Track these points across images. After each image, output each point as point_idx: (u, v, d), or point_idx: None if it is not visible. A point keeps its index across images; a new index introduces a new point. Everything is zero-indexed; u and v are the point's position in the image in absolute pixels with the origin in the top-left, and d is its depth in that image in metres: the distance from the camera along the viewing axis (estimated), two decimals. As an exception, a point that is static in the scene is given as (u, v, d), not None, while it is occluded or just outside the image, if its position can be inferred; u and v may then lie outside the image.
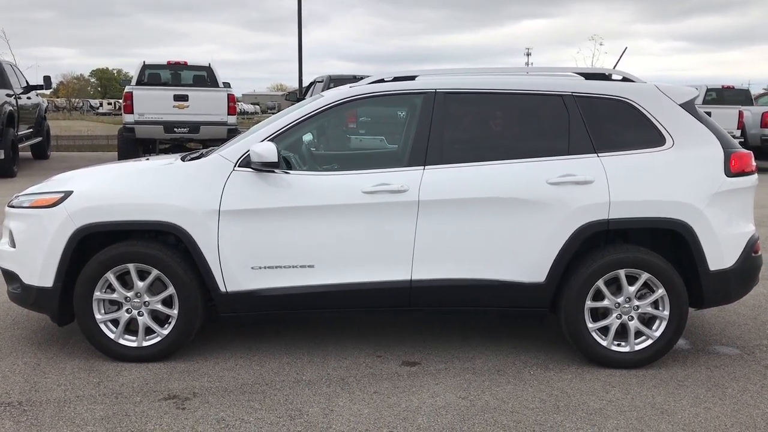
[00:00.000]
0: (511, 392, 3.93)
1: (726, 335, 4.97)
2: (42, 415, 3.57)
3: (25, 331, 4.81)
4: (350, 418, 3.59)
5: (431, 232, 4.19)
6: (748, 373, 4.28)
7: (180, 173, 4.32)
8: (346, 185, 4.21)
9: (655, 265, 4.20)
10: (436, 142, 4.27)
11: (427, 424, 3.53)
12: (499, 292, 4.25)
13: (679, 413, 3.70)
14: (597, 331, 4.28)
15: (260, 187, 4.17)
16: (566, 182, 4.19)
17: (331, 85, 14.58)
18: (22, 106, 14.57)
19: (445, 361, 4.39)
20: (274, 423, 3.52)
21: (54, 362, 4.27)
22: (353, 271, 4.21)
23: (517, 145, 4.42)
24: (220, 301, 4.23)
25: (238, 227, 4.15)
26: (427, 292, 4.25)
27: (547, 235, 4.19)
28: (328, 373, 4.17)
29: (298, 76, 24.36)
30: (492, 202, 4.19)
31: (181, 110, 14.32)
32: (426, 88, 4.41)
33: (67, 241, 4.14)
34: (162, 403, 3.73)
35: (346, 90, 4.49)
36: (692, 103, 4.47)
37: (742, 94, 18.44)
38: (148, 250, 4.17)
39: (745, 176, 4.37)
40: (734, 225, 4.34)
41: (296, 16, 23.54)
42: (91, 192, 4.26)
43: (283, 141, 4.32)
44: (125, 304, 4.24)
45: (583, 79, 4.55)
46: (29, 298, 4.29)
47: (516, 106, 4.46)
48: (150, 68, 15.16)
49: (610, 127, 4.36)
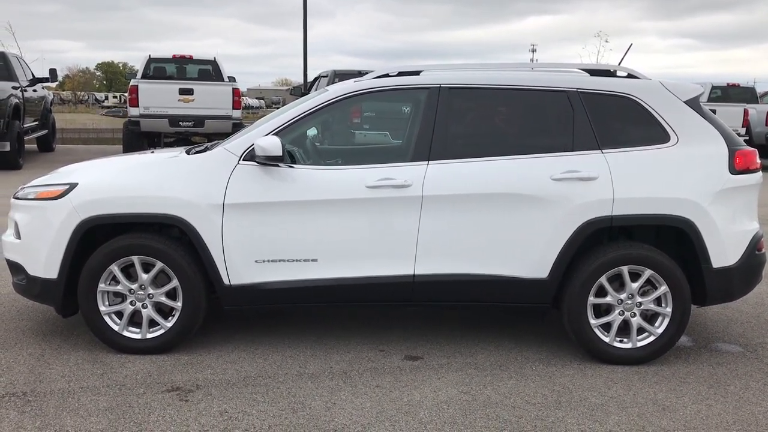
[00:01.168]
0: (513, 387, 3.94)
1: (729, 333, 4.97)
2: (46, 405, 3.59)
3: (29, 323, 4.84)
4: (352, 411, 3.61)
5: (434, 227, 4.19)
6: (750, 370, 4.28)
7: (185, 166, 4.34)
8: (349, 180, 4.21)
9: (659, 261, 4.20)
10: (440, 137, 4.28)
11: (428, 418, 3.55)
12: (501, 287, 4.26)
13: (681, 410, 3.71)
14: (599, 328, 4.28)
15: (264, 180, 4.18)
16: (570, 178, 4.19)
17: (335, 80, 14.57)
18: (27, 99, 14.60)
19: (447, 355, 4.40)
20: (276, 416, 3.54)
21: (58, 353, 4.29)
22: (356, 266, 4.22)
23: (521, 141, 4.42)
24: (224, 294, 4.25)
25: (242, 221, 4.16)
26: (430, 287, 4.26)
27: (550, 231, 4.19)
28: (330, 366, 4.18)
29: (303, 71, 24.35)
30: (495, 197, 4.19)
31: (186, 104, 14.34)
32: (430, 83, 4.41)
33: (71, 232, 4.16)
34: (165, 394, 3.75)
35: (350, 84, 4.49)
36: (697, 101, 4.46)
37: (747, 92, 18.42)
38: (153, 242, 4.18)
39: (750, 174, 4.36)
40: (738, 222, 4.33)
41: (302, 10, 23.52)
42: (96, 184, 4.28)
43: (288, 135, 4.33)
44: (129, 297, 4.26)
45: (587, 76, 4.54)
46: (34, 289, 4.32)
47: (520, 101, 4.46)
48: (155, 62, 15.17)
49: (615, 124, 4.36)
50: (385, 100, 7.24)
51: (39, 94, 15.95)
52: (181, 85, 14.48)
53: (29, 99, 14.80)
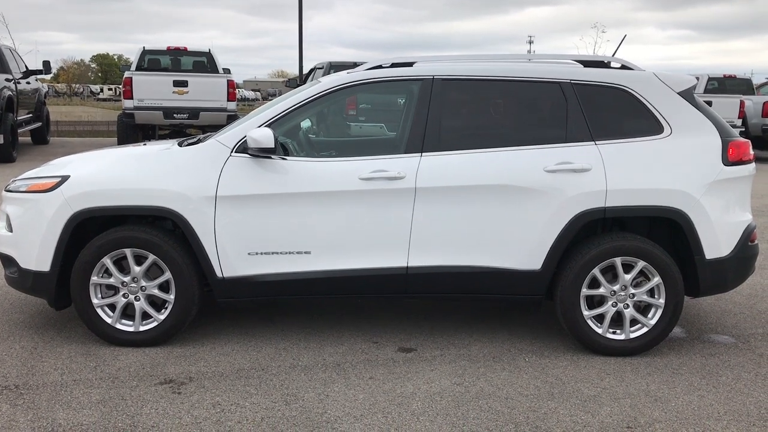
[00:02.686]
0: (506, 379, 3.95)
1: (721, 324, 4.98)
2: (38, 398, 3.59)
3: (22, 316, 4.83)
4: (345, 403, 3.61)
5: (428, 219, 4.19)
6: (742, 361, 4.29)
7: (177, 159, 4.32)
8: (343, 172, 4.20)
9: (651, 253, 4.20)
10: (433, 129, 4.27)
11: (421, 410, 3.55)
12: (495, 279, 4.26)
13: (673, 401, 3.72)
14: (592, 319, 4.29)
15: (257, 172, 4.17)
16: (563, 170, 4.19)
17: (331, 71, 14.55)
18: (21, 91, 14.53)
19: (440, 347, 4.40)
20: (269, 408, 3.54)
21: (51, 346, 4.28)
22: (350, 258, 4.22)
23: (514, 133, 4.41)
24: (217, 287, 4.24)
25: (235, 213, 4.15)
26: (424, 279, 4.26)
27: (543, 223, 4.19)
28: (323, 358, 4.19)
29: (299, 63, 24.29)
30: (489, 189, 4.19)
31: (181, 96, 14.28)
32: (424, 74, 4.39)
33: (64, 225, 4.14)
34: (158, 387, 3.74)
35: (343, 76, 4.47)
36: (691, 92, 4.45)
37: (743, 84, 18.37)
38: (145, 235, 4.17)
39: (743, 165, 4.36)
40: (731, 214, 4.33)
41: (297, 1, 23.43)
42: (88, 177, 4.26)
43: (281, 127, 4.31)
44: (122, 289, 4.25)
45: (581, 67, 4.53)
46: (26, 282, 4.30)
47: (514, 93, 4.45)
48: (150, 54, 15.11)
49: (608, 115, 4.35)
50: (379, 92, 7.23)
51: (33, 86, 15.88)
52: (175, 77, 14.41)
53: (23, 91, 14.73)
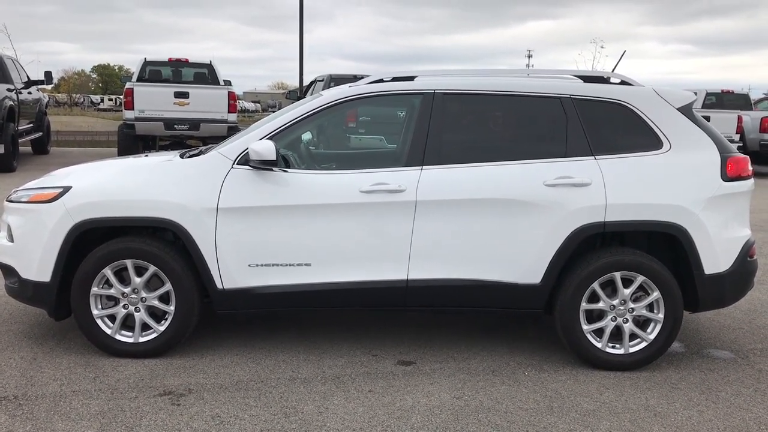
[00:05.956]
0: (506, 393, 3.95)
1: (720, 339, 4.98)
2: (37, 409, 3.58)
3: (22, 326, 4.83)
4: (345, 416, 3.61)
5: (428, 232, 4.20)
6: (741, 376, 4.29)
7: (178, 170, 4.34)
8: (343, 184, 4.22)
9: (651, 268, 4.21)
10: (433, 143, 4.29)
11: (421, 424, 3.55)
12: (494, 292, 4.27)
13: (672, 416, 3.72)
14: (592, 333, 4.29)
15: (258, 185, 4.19)
16: (563, 184, 4.21)
17: (331, 84, 14.59)
18: (22, 101, 14.57)
19: (440, 360, 4.40)
20: (268, 420, 3.54)
21: (50, 357, 4.28)
22: (350, 270, 4.23)
23: (514, 147, 4.44)
24: (217, 298, 4.24)
25: (236, 225, 4.16)
26: (423, 292, 4.26)
27: (543, 237, 4.21)
28: (323, 371, 4.18)
29: (299, 75, 24.39)
30: (489, 203, 4.20)
31: (182, 107, 14.33)
32: (424, 88, 4.42)
33: (64, 236, 4.15)
34: (157, 398, 3.74)
35: (345, 89, 4.50)
36: (690, 107, 4.48)
37: (741, 99, 18.43)
38: (146, 246, 4.18)
39: (742, 181, 4.38)
40: (730, 229, 4.35)
41: (298, 13, 23.54)
42: (90, 188, 4.27)
43: (282, 139, 4.34)
44: (122, 300, 4.25)
45: (581, 82, 4.56)
46: (26, 292, 4.31)
47: (514, 107, 4.48)
48: (151, 65, 15.17)
49: (608, 130, 4.38)
50: (380, 106, 7.26)
51: (34, 96, 15.93)
52: (176, 89, 14.47)
53: (24, 101, 14.77)
